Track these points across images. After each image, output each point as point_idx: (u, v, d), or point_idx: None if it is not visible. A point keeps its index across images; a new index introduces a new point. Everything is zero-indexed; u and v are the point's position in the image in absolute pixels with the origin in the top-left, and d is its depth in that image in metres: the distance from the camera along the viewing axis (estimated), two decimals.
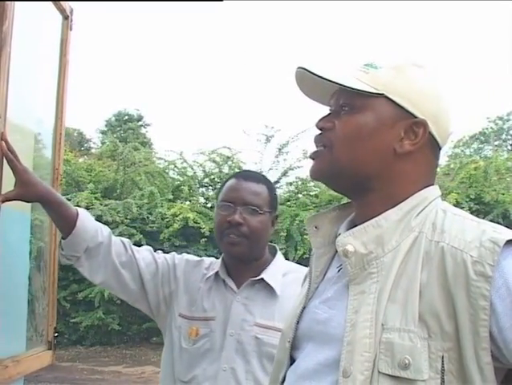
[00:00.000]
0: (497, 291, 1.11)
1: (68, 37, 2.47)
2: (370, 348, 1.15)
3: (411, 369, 1.12)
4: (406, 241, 1.23)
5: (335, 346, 1.21)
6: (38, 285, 2.38)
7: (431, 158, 1.33)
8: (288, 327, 1.39)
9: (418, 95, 1.30)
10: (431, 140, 1.30)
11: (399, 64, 1.34)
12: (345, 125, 1.30)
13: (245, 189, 2.19)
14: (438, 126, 1.30)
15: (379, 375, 1.14)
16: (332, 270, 1.36)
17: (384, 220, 1.26)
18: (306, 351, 1.30)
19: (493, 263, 1.11)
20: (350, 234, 1.26)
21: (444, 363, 1.12)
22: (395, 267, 1.20)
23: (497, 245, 1.12)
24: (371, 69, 1.32)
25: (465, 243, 1.15)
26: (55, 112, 2.45)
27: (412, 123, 1.28)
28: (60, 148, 2.46)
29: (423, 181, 1.31)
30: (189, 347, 2.15)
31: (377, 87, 1.29)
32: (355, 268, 1.24)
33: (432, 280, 1.15)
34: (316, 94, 1.40)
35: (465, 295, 1.11)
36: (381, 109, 1.28)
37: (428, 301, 1.14)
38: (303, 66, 1.31)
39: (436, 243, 1.19)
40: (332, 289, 1.31)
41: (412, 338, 1.13)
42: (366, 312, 1.18)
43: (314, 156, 1.36)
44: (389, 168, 1.28)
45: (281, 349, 1.41)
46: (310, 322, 1.32)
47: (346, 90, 1.29)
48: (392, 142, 1.28)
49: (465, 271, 1.12)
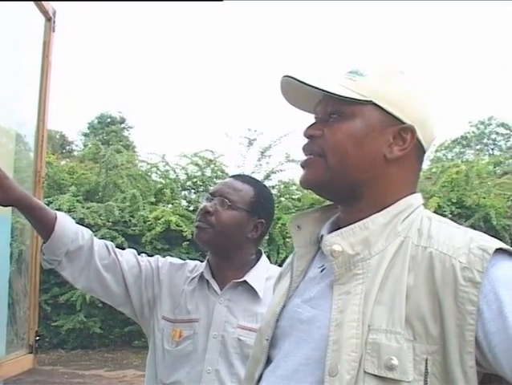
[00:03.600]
0: (484, 297, 1.13)
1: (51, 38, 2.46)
2: (357, 348, 1.17)
3: (397, 370, 1.14)
4: (392, 245, 1.25)
5: (318, 346, 1.23)
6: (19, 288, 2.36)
7: (417, 163, 1.36)
8: (266, 325, 1.39)
9: (405, 101, 1.32)
10: (417, 145, 1.33)
11: (385, 71, 1.37)
12: (336, 132, 1.31)
13: (226, 184, 2.24)
14: (424, 131, 1.33)
15: (365, 375, 1.15)
16: (314, 270, 1.37)
17: (371, 223, 1.28)
18: (285, 351, 1.31)
19: (482, 269, 1.14)
20: (338, 234, 1.28)
21: (428, 366, 1.14)
22: (381, 270, 1.22)
23: (486, 252, 1.16)
24: (356, 76, 1.34)
25: (453, 249, 1.18)
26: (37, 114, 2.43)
27: (400, 129, 1.30)
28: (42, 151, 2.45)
29: (409, 187, 1.35)
30: (172, 349, 2.14)
31: (365, 94, 1.30)
32: (341, 268, 1.25)
33: (420, 283, 1.18)
34: (301, 102, 1.42)
35: (452, 300, 1.14)
36: (370, 116, 1.30)
37: (414, 303, 1.17)
38: (290, 74, 1.32)
39: (423, 248, 1.22)
40: (315, 288, 1.32)
41: (398, 340, 1.15)
42: (352, 312, 1.20)
43: (305, 164, 1.37)
44: (379, 173, 1.31)
45: (258, 346, 1.41)
46: (292, 321, 1.32)
47: (333, 97, 1.31)
48: (382, 148, 1.30)
49: (454, 276, 1.15)
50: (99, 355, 11.43)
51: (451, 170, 12.45)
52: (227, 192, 2.19)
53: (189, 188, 13.37)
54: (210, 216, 2.15)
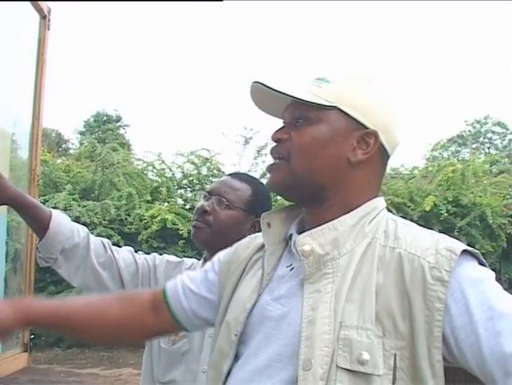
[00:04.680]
0: (452, 294, 1.20)
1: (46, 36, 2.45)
2: (329, 344, 1.22)
3: (368, 364, 1.19)
4: (360, 246, 1.31)
5: (289, 342, 1.27)
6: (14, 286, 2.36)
7: (380, 167, 1.42)
8: (235, 320, 1.41)
9: (369, 107, 1.38)
10: (381, 150, 1.38)
11: (350, 78, 1.43)
12: (302, 136, 1.36)
13: (223, 182, 2.23)
14: (388, 136, 1.38)
15: (338, 369, 1.20)
16: (282, 268, 1.41)
17: (339, 224, 1.34)
18: (255, 347, 1.34)
19: (449, 269, 1.21)
20: (308, 235, 1.34)
21: (397, 361, 1.20)
22: (350, 269, 1.28)
23: (454, 253, 1.23)
24: (323, 83, 1.40)
25: (421, 250, 1.25)
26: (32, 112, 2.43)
27: (364, 134, 1.35)
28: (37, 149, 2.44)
29: (373, 190, 1.41)
30: (168, 348, 2.14)
31: (330, 99, 1.36)
32: (311, 267, 1.31)
33: (389, 282, 1.24)
34: (270, 107, 1.48)
35: (421, 298, 1.20)
36: (335, 121, 1.36)
37: (384, 301, 1.23)
38: (259, 80, 1.37)
39: (391, 249, 1.29)
40: (284, 287, 1.36)
41: (369, 336, 1.21)
42: (324, 309, 1.25)
43: (270, 168, 1.43)
44: (343, 176, 1.36)
45: (225, 340, 1.42)
46: (262, 319, 1.36)
47: (300, 103, 1.36)
48: (346, 152, 1.35)
49: (423, 275, 1.22)
50: (95, 354, 11.42)
51: (447, 169, 12.46)
52: (225, 191, 2.18)
53: (185, 187, 13.38)
54: (208, 216, 2.15)
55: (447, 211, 11.53)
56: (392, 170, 13.74)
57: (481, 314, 1.17)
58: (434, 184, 12.27)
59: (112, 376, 9.78)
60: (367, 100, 1.39)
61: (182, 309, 1.56)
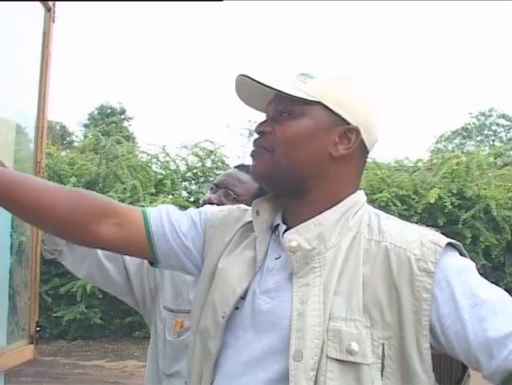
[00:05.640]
0: (438, 284, 1.26)
1: (50, 29, 2.45)
2: (319, 335, 1.26)
3: (358, 354, 1.24)
4: (346, 240, 1.36)
5: (281, 335, 1.31)
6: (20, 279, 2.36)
7: (361, 162, 1.46)
8: (223, 302, 1.41)
9: (352, 104, 1.42)
10: (361, 146, 1.42)
11: (334, 75, 1.47)
12: (285, 129, 1.40)
13: (230, 175, 2.24)
14: (369, 133, 1.43)
15: (328, 360, 1.25)
16: (271, 260, 1.43)
17: (324, 219, 1.38)
18: (246, 339, 1.37)
19: (435, 260, 1.27)
20: (294, 232, 1.38)
21: (385, 350, 1.26)
22: (338, 263, 1.33)
23: (438, 245, 1.29)
24: (307, 78, 1.44)
25: (407, 243, 1.31)
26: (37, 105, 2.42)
27: (346, 130, 1.40)
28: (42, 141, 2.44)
29: (354, 184, 1.45)
30: (174, 340, 2.14)
31: (314, 94, 1.39)
32: (299, 262, 1.35)
33: (376, 274, 1.30)
34: (254, 101, 1.51)
35: (408, 288, 1.26)
36: (318, 115, 1.39)
37: (371, 292, 1.28)
38: (244, 73, 1.40)
39: (376, 242, 1.34)
40: (272, 280, 1.39)
41: (357, 326, 1.26)
42: (313, 302, 1.29)
43: (253, 154, 1.46)
44: (325, 170, 1.40)
45: (211, 321, 1.43)
46: (252, 312, 1.38)
47: (284, 97, 1.39)
48: (328, 146, 1.39)
49: (410, 267, 1.27)
50: (99, 346, 11.46)
51: (451, 161, 12.44)
52: (232, 184, 2.19)
53: (190, 179, 13.39)
54: None
55: (451, 203, 11.52)
56: (396, 162, 13.74)
57: (465, 302, 1.24)
58: (438, 177, 12.25)
59: (117, 368, 9.82)
60: (350, 97, 1.43)
61: (162, 235, 1.53)
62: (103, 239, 1.50)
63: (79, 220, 1.48)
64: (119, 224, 1.50)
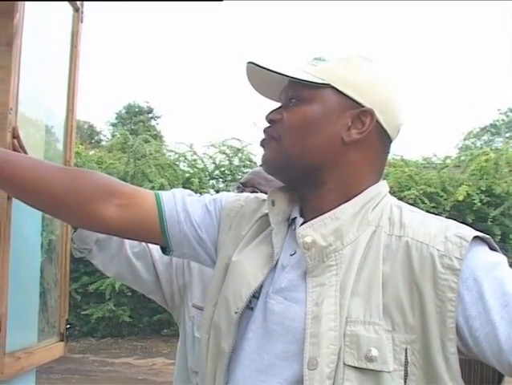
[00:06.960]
0: (464, 282, 1.16)
1: (79, 29, 2.46)
2: (335, 341, 1.17)
3: (377, 361, 1.15)
4: (365, 235, 1.26)
5: (294, 339, 1.23)
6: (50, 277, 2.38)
7: (379, 148, 1.36)
8: (236, 296, 1.33)
9: (364, 85, 1.33)
10: (379, 129, 1.33)
11: (345, 56, 1.38)
12: (292, 116, 1.33)
13: (257, 174, 2.21)
14: (386, 115, 1.33)
15: (345, 367, 1.16)
16: (285, 256, 1.35)
17: (341, 213, 1.28)
18: (259, 343, 1.28)
19: (460, 256, 1.16)
20: (309, 226, 1.28)
21: (408, 355, 1.16)
22: (355, 260, 1.23)
23: (464, 240, 1.18)
24: (319, 62, 1.35)
25: (429, 238, 1.21)
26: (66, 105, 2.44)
27: (358, 112, 1.30)
28: (71, 141, 2.46)
29: (374, 173, 1.35)
30: None
31: (324, 77, 1.31)
32: (314, 260, 1.26)
33: (397, 272, 1.20)
34: (267, 90, 1.44)
35: (432, 288, 1.16)
36: (328, 99, 1.31)
37: (392, 292, 1.18)
38: (252, 60, 1.34)
39: (397, 237, 1.24)
40: (286, 278, 1.31)
41: (377, 331, 1.16)
42: (329, 304, 1.20)
43: (263, 144, 1.40)
44: (338, 157, 1.31)
45: (224, 317, 1.34)
46: (265, 312, 1.30)
47: (294, 83, 1.33)
48: (340, 131, 1.30)
49: (432, 264, 1.17)
50: (128, 344, 11.55)
51: (480, 158, 12.31)
52: (258, 182, 2.17)
53: (217, 178, 13.40)
54: None
55: (480, 201, 11.41)
56: (424, 160, 13.63)
57: (495, 301, 1.14)
58: (467, 174, 12.13)
59: (146, 366, 9.88)
60: (363, 78, 1.33)
61: (176, 223, 1.47)
62: (107, 221, 1.43)
63: (74, 202, 1.43)
64: (125, 206, 1.43)
